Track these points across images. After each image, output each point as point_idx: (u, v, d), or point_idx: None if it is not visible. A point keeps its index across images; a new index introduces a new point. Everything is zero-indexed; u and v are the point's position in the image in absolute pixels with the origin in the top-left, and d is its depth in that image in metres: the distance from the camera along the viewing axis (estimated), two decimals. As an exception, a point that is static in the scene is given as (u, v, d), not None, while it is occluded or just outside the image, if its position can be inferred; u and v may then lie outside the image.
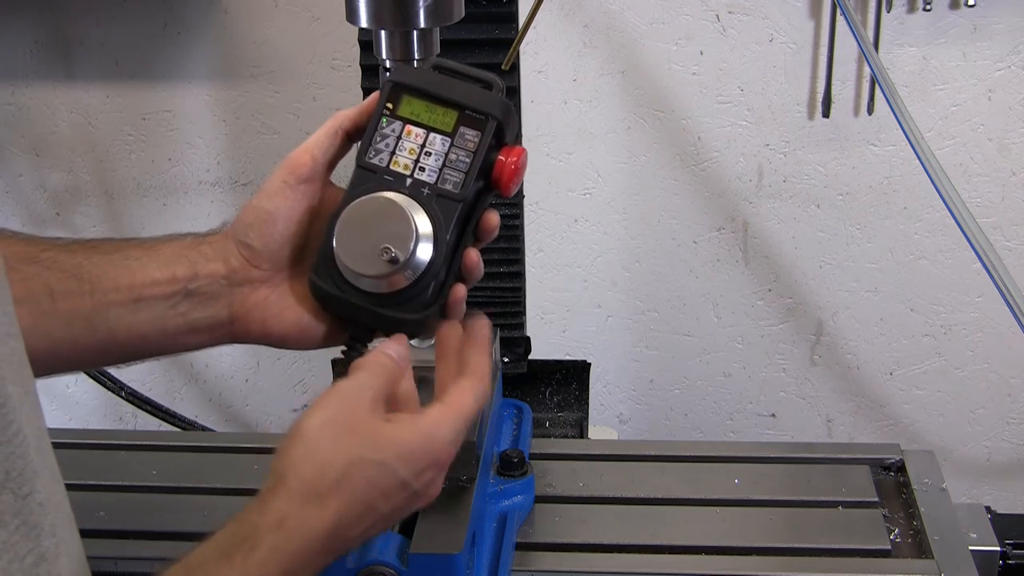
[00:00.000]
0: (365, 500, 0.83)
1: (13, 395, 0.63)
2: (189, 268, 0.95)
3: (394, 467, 0.84)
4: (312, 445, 0.82)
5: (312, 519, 0.80)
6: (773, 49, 1.72)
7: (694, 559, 1.19)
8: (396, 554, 1.06)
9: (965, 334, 1.86)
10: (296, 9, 1.75)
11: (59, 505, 0.69)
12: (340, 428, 0.83)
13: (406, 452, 0.84)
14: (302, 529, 0.80)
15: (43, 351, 0.90)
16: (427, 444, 0.86)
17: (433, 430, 0.86)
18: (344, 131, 0.98)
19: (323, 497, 0.81)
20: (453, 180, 0.94)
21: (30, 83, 1.83)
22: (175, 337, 0.96)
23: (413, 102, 0.96)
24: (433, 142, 0.95)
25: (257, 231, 0.96)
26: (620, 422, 1.97)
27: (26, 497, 0.63)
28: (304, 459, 0.82)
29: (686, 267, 1.85)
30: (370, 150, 0.96)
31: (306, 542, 0.80)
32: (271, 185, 0.96)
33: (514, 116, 0.98)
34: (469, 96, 0.96)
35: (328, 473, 0.81)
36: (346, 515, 0.82)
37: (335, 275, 0.94)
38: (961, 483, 1.91)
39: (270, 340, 0.98)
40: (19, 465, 0.63)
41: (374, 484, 0.83)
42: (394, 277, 0.92)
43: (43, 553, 0.64)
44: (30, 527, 0.63)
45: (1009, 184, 1.76)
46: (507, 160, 0.96)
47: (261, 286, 0.96)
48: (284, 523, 0.80)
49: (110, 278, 0.94)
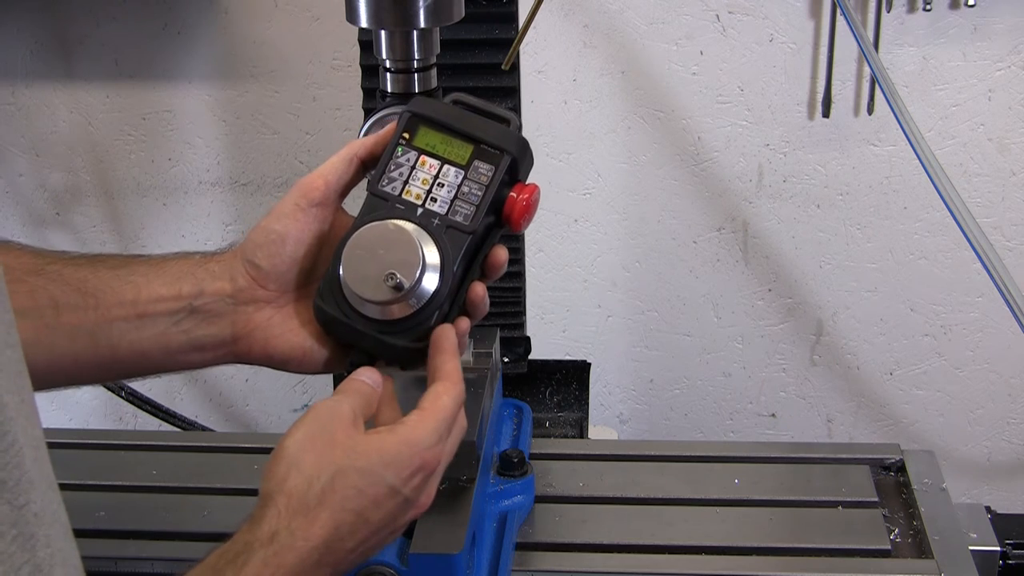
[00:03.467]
0: (355, 509, 0.83)
1: (9, 404, 0.63)
2: (195, 285, 0.95)
3: (380, 473, 0.84)
4: (296, 461, 0.83)
5: (302, 532, 0.81)
6: (773, 49, 1.72)
7: (694, 559, 1.19)
8: (396, 554, 1.06)
9: (965, 334, 1.86)
10: (296, 9, 1.75)
11: (55, 515, 0.69)
12: (321, 442, 0.84)
13: (389, 458, 0.85)
14: (294, 542, 0.80)
15: (44, 364, 0.91)
16: (409, 448, 0.86)
17: (412, 435, 0.87)
18: (359, 159, 0.98)
19: (311, 509, 0.82)
20: (464, 212, 0.94)
21: (30, 83, 1.83)
22: (177, 355, 0.96)
23: (429, 133, 0.97)
24: (447, 174, 0.95)
25: (266, 252, 0.96)
26: (620, 422, 1.97)
27: (22, 508, 0.63)
28: (289, 475, 0.83)
29: (686, 267, 1.86)
30: (384, 178, 0.96)
31: (298, 555, 0.80)
32: (283, 207, 0.97)
33: (529, 153, 0.98)
34: (485, 131, 0.96)
35: (314, 486, 0.82)
36: (338, 526, 0.82)
37: (340, 299, 0.94)
38: (961, 483, 1.91)
39: (272, 362, 0.98)
40: (15, 476, 0.63)
41: (362, 492, 0.84)
42: (398, 304, 0.92)
43: (39, 564, 0.64)
44: (26, 538, 0.63)
45: (1009, 184, 1.76)
46: (519, 196, 0.96)
47: (266, 307, 0.97)
48: (275, 538, 0.80)
49: (115, 293, 0.94)
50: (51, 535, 0.66)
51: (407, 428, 0.87)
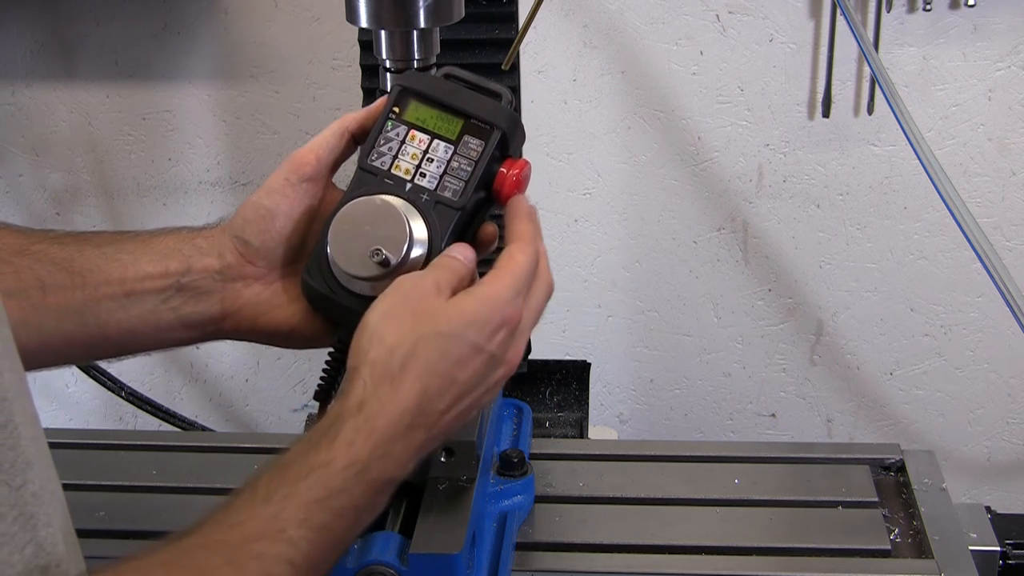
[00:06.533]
0: (440, 372, 0.84)
1: (6, 383, 0.64)
2: (183, 262, 0.95)
3: (462, 334, 0.85)
4: (377, 332, 0.84)
5: (389, 397, 0.82)
6: (773, 49, 1.72)
7: (694, 559, 1.19)
8: (396, 554, 1.06)
9: (965, 334, 1.86)
10: (296, 9, 1.75)
11: (54, 493, 0.69)
12: (402, 313, 0.85)
13: (469, 319, 0.86)
14: (382, 407, 0.82)
15: (34, 344, 0.91)
16: (487, 305, 0.87)
17: (489, 291, 0.87)
18: (350, 132, 0.98)
19: (396, 377, 0.83)
20: (453, 188, 0.94)
21: (30, 83, 1.83)
22: (166, 332, 0.96)
23: (420, 108, 0.96)
24: (436, 149, 0.95)
25: (255, 227, 0.96)
26: (620, 422, 1.97)
27: (20, 488, 0.64)
28: (371, 347, 0.84)
29: (686, 267, 1.86)
30: (373, 152, 0.95)
31: (389, 419, 0.82)
32: (272, 182, 0.96)
33: (521, 129, 0.97)
34: (476, 105, 0.96)
35: (396, 353, 0.83)
36: (426, 389, 0.84)
37: (327, 275, 0.93)
38: (961, 483, 1.91)
39: (259, 338, 0.98)
40: (10, 456, 0.63)
41: (446, 354, 0.84)
42: (384, 280, 0.91)
43: (41, 543, 0.65)
44: (27, 518, 0.64)
45: (1009, 184, 1.76)
46: (509, 172, 0.96)
47: (254, 283, 0.96)
48: (364, 406, 0.82)
49: (101, 271, 0.94)
50: (51, 513, 0.67)
51: (483, 287, 0.88)
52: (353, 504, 0.80)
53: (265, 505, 0.77)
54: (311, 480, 0.79)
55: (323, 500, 0.79)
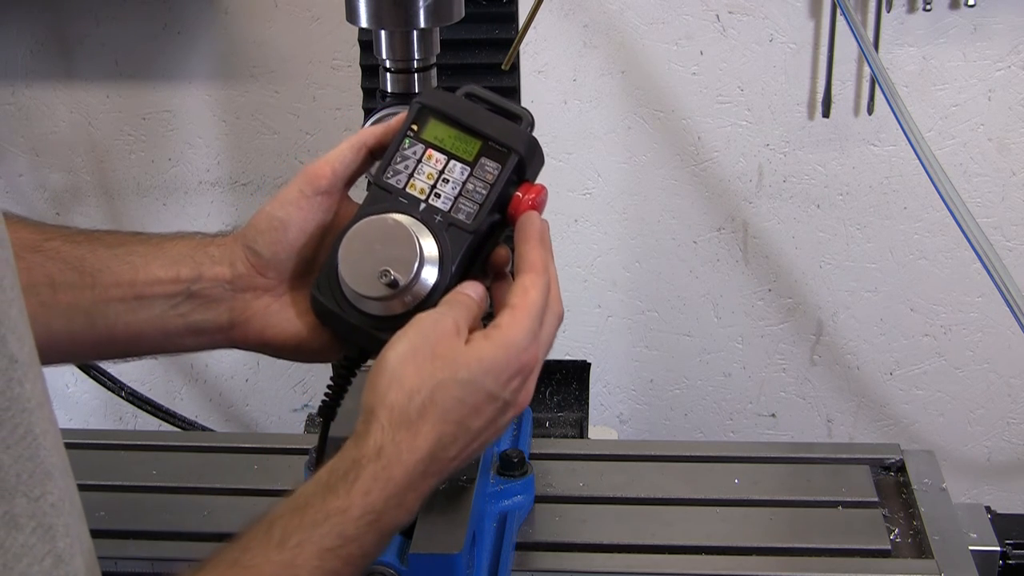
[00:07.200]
0: (456, 419, 0.84)
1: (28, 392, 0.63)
2: (194, 269, 0.94)
3: (480, 382, 0.84)
4: (396, 374, 0.83)
5: (407, 444, 0.82)
6: (773, 49, 1.72)
7: (694, 559, 1.19)
8: (396, 554, 1.06)
9: (965, 334, 1.86)
10: (296, 9, 1.75)
11: (72, 503, 0.69)
12: (422, 355, 0.84)
13: (487, 365, 0.85)
14: (400, 455, 0.81)
15: (41, 342, 0.90)
16: (506, 352, 0.86)
17: (507, 337, 0.86)
18: (367, 147, 0.97)
19: (414, 423, 0.82)
20: (467, 211, 0.93)
21: (30, 83, 1.83)
22: (173, 337, 0.95)
23: (438, 127, 0.94)
24: (452, 169, 0.93)
25: (267, 239, 0.95)
26: (620, 422, 1.97)
27: (39, 499, 0.63)
28: (391, 389, 0.83)
29: (686, 267, 1.86)
30: (388, 169, 0.94)
31: (405, 468, 0.81)
32: (287, 194, 0.95)
33: (539, 153, 0.96)
34: (495, 127, 0.94)
35: (415, 399, 0.83)
36: (440, 437, 0.83)
37: (336, 292, 0.92)
38: (961, 483, 1.91)
39: (267, 349, 0.97)
40: (29, 467, 0.63)
41: (463, 402, 0.84)
42: (393, 301, 0.90)
43: (60, 554, 0.65)
44: (45, 529, 0.64)
45: (1009, 184, 1.76)
46: (524, 197, 0.94)
47: (264, 294, 0.96)
48: (382, 452, 0.81)
49: (112, 273, 0.93)
50: (69, 524, 0.67)
51: (501, 332, 0.87)
52: (363, 552, 0.81)
53: (280, 550, 0.77)
54: (326, 527, 0.79)
55: (336, 548, 0.79)
